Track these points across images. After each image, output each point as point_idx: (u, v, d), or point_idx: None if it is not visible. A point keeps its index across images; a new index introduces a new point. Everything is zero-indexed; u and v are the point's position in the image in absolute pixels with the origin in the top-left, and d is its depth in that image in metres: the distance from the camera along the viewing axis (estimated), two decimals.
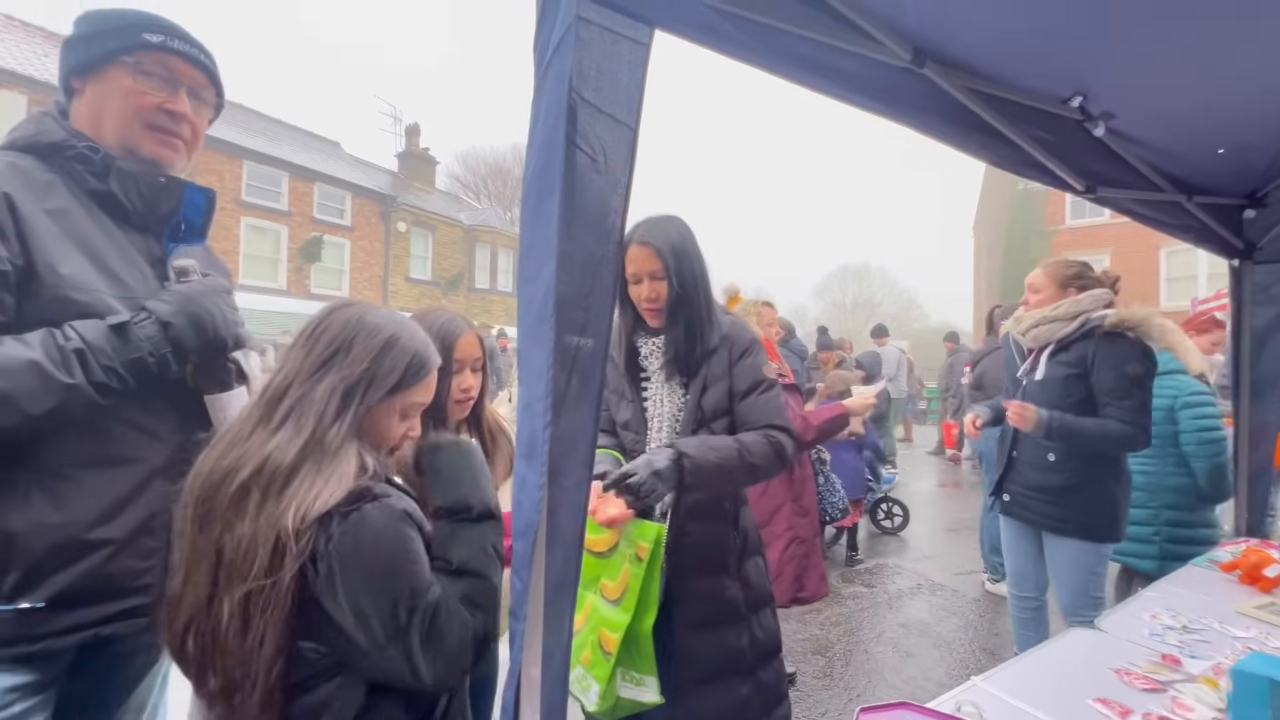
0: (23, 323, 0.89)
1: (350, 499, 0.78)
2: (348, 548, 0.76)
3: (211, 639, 0.77)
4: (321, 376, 0.84)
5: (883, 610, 3.64)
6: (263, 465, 0.79)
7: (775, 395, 1.49)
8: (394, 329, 0.90)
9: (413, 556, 0.80)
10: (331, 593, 0.75)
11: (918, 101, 1.34)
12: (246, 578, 0.74)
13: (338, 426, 0.82)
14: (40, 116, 1.03)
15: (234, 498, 0.78)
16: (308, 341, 0.87)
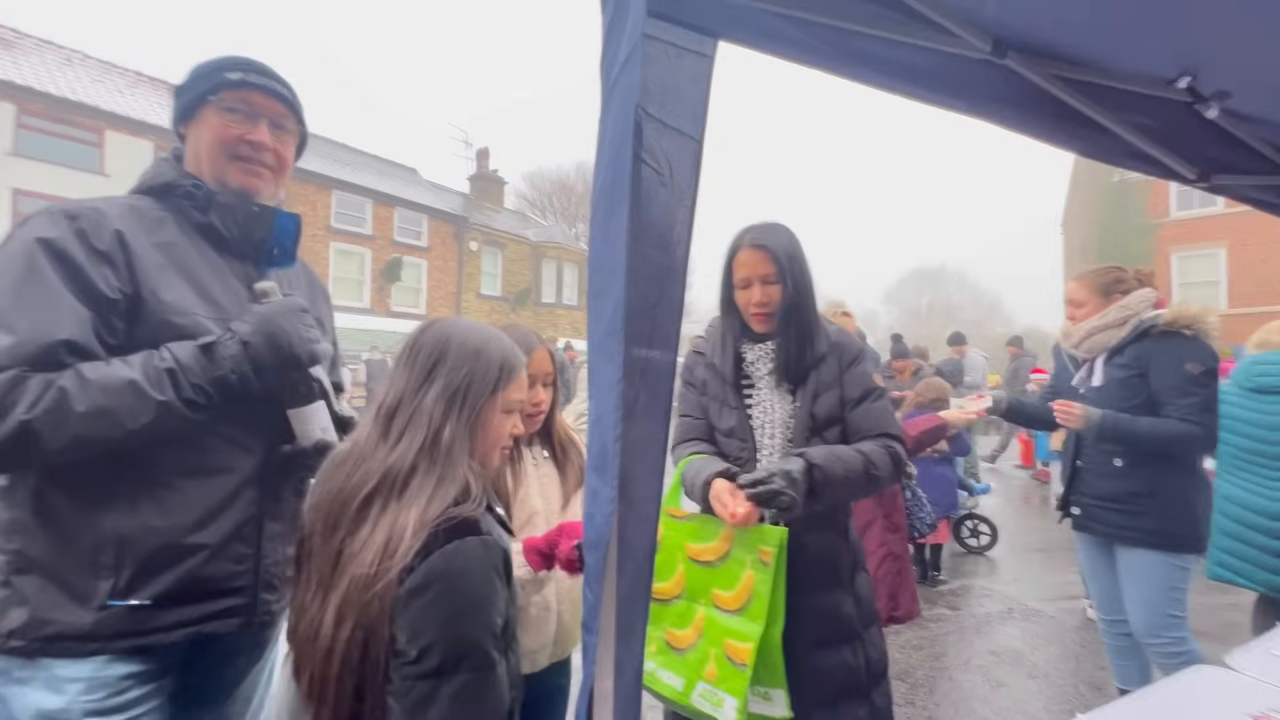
0: (132, 345, 0.99)
1: (458, 526, 0.81)
2: (437, 569, 0.78)
3: (314, 636, 0.82)
4: (427, 388, 0.89)
5: (970, 635, 3.40)
6: (386, 474, 0.84)
7: (887, 404, 1.48)
8: (482, 335, 0.96)
9: (489, 607, 0.81)
10: (405, 603, 0.78)
11: (999, 94, 1.26)
12: (354, 574, 0.79)
13: (449, 428, 0.88)
14: (159, 161, 1.15)
15: (360, 507, 0.83)
16: (408, 360, 0.93)
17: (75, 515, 0.95)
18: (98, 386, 0.91)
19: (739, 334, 1.50)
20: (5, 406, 0.87)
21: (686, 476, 1.44)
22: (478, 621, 0.80)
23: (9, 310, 0.91)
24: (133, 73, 15.77)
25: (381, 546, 0.79)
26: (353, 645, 0.78)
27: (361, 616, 0.78)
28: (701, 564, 1.38)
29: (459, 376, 0.90)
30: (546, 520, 1.37)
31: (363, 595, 0.78)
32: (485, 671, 0.79)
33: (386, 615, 0.77)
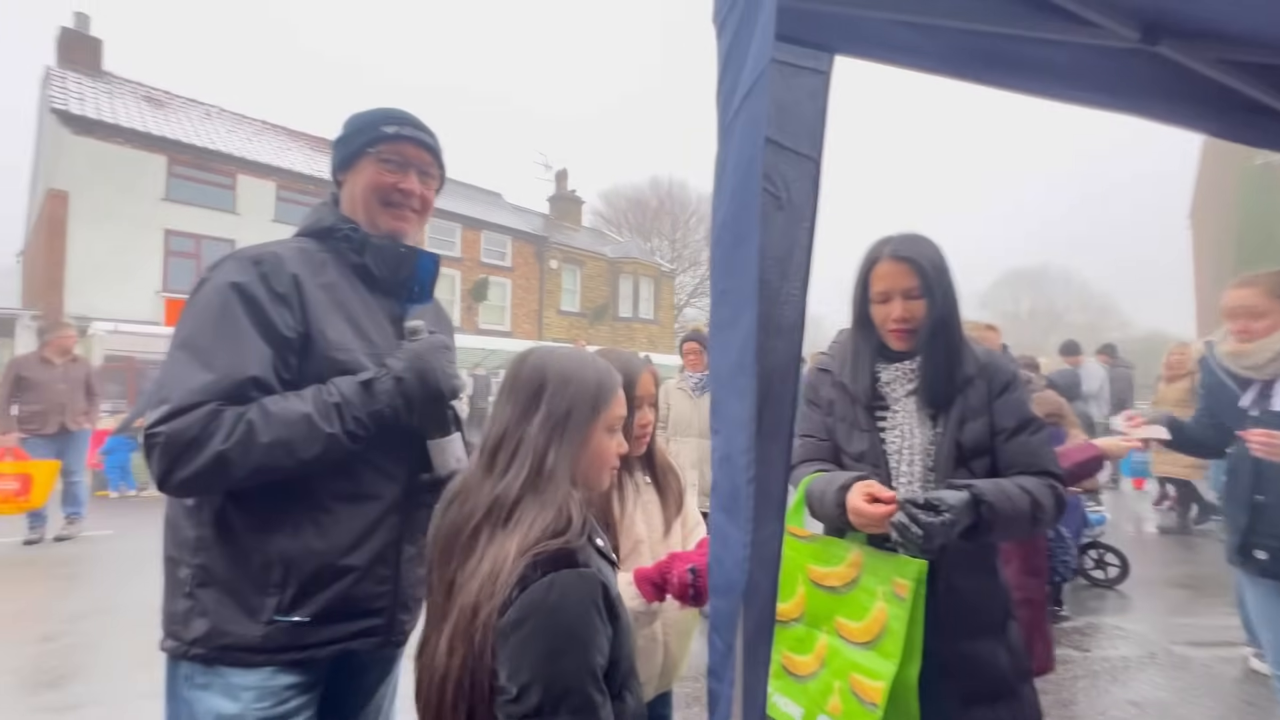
0: (302, 379, 1.08)
1: (554, 557, 0.81)
2: (533, 603, 0.78)
3: (430, 663, 0.84)
4: (529, 418, 0.91)
5: (1104, 682, 3.04)
6: (493, 505, 0.86)
7: (1046, 437, 1.35)
8: (577, 361, 0.97)
9: (588, 645, 0.80)
10: (503, 636, 0.78)
11: (1148, 86, 1.13)
12: (463, 603, 0.81)
13: (552, 453, 0.89)
14: (320, 207, 1.26)
15: (470, 536, 0.86)
16: (509, 394, 0.95)
17: (250, 536, 1.04)
18: (279, 420, 1.00)
19: (875, 352, 1.41)
20: (205, 437, 0.96)
21: (814, 490, 1.34)
22: (576, 660, 0.78)
23: (209, 350, 1.01)
24: (260, 121, 17.71)
25: (487, 576, 0.80)
26: (463, 675, 0.79)
27: (469, 647, 0.79)
28: (825, 589, 1.30)
29: (560, 405, 0.91)
30: (650, 548, 1.35)
31: (469, 626, 0.79)
32: (587, 715, 0.77)
33: (490, 647, 0.78)
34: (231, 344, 1.02)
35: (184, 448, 0.95)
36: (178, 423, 0.96)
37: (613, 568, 0.92)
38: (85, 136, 12.94)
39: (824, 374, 1.50)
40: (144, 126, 13.79)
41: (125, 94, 14.92)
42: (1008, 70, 1.06)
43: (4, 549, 5.21)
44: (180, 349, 1.03)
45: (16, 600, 4.11)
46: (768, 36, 0.62)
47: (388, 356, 1.15)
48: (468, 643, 0.79)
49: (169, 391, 0.98)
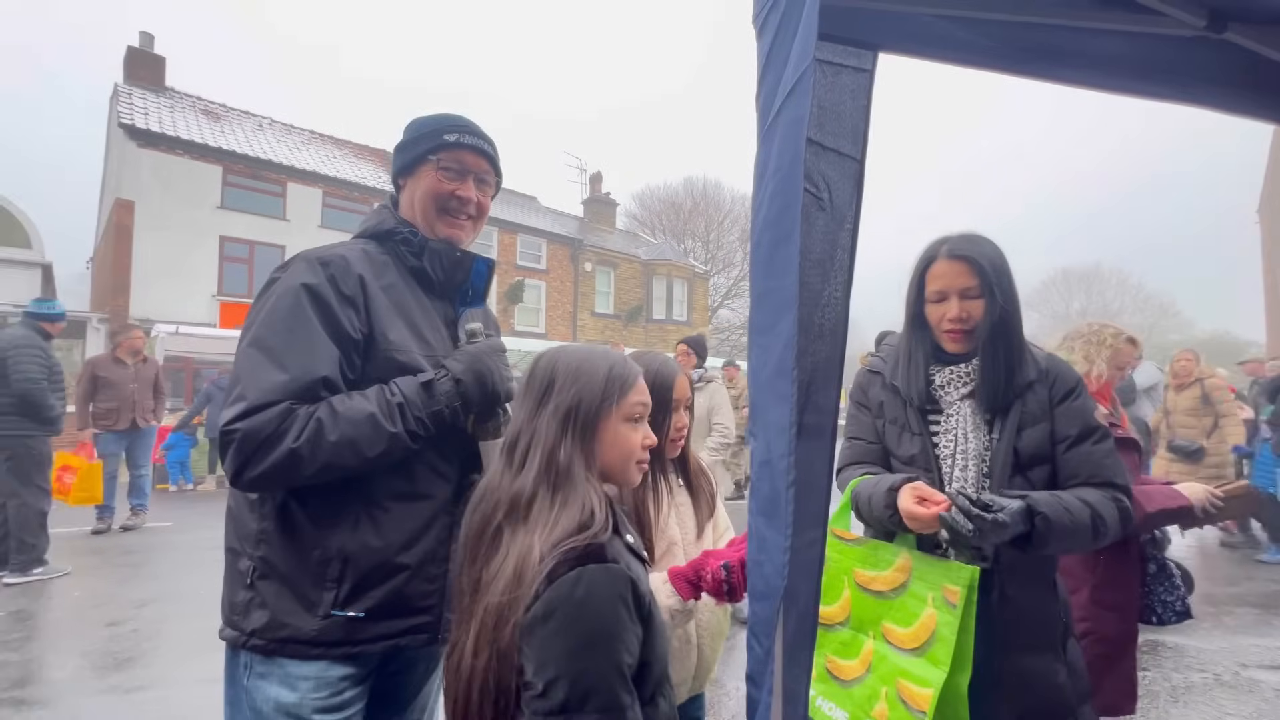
0: (364, 379, 1.11)
1: (581, 553, 0.80)
2: (559, 598, 0.77)
3: (458, 665, 0.84)
4: (540, 413, 0.92)
5: (1164, 703, 2.88)
6: (512, 502, 0.87)
7: (1111, 447, 1.29)
8: (585, 353, 0.98)
9: (615, 642, 0.78)
10: (530, 631, 0.77)
11: (1214, 75, 1.08)
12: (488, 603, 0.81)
13: (564, 449, 0.89)
14: (379, 210, 1.29)
15: (493, 536, 0.87)
16: (525, 392, 0.96)
17: (311, 531, 1.07)
18: (346, 419, 1.03)
19: (929, 353, 1.37)
20: (279, 435, 0.99)
21: (861, 492, 1.32)
22: (603, 657, 0.77)
23: (282, 350, 1.03)
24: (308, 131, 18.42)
25: (511, 574, 0.80)
26: (488, 677, 0.79)
27: (495, 646, 0.79)
28: (872, 593, 1.28)
29: (568, 396, 0.92)
30: (684, 550, 1.35)
31: (495, 626, 0.79)
32: (614, 715, 0.76)
33: (516, 645, 0.78)
34: (303, 344, 1.05)
35: (259, 445, 0.98)
36: (254, 420, 0.98)
37: (643, 565, 0.91)
38: (149, 149, 13.68)
39: (874, 375, 1.47)
40: (202, 138, 14.50)
41: (185, 108, 15.73)
42: (1063, 63, 1.02)
43: (74, 538, 5.55)
44: (253, 348, 1.04)
45: (85, 587, 4.36)
46: (810, 35, 0.62)
47: (444, 358, 1.18)
48: (494, 643, 0.80)
49: (245, 389, 1.01)
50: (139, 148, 13.59)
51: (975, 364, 1.32)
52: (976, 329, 1.29)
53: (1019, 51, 0.97)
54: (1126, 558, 1.93)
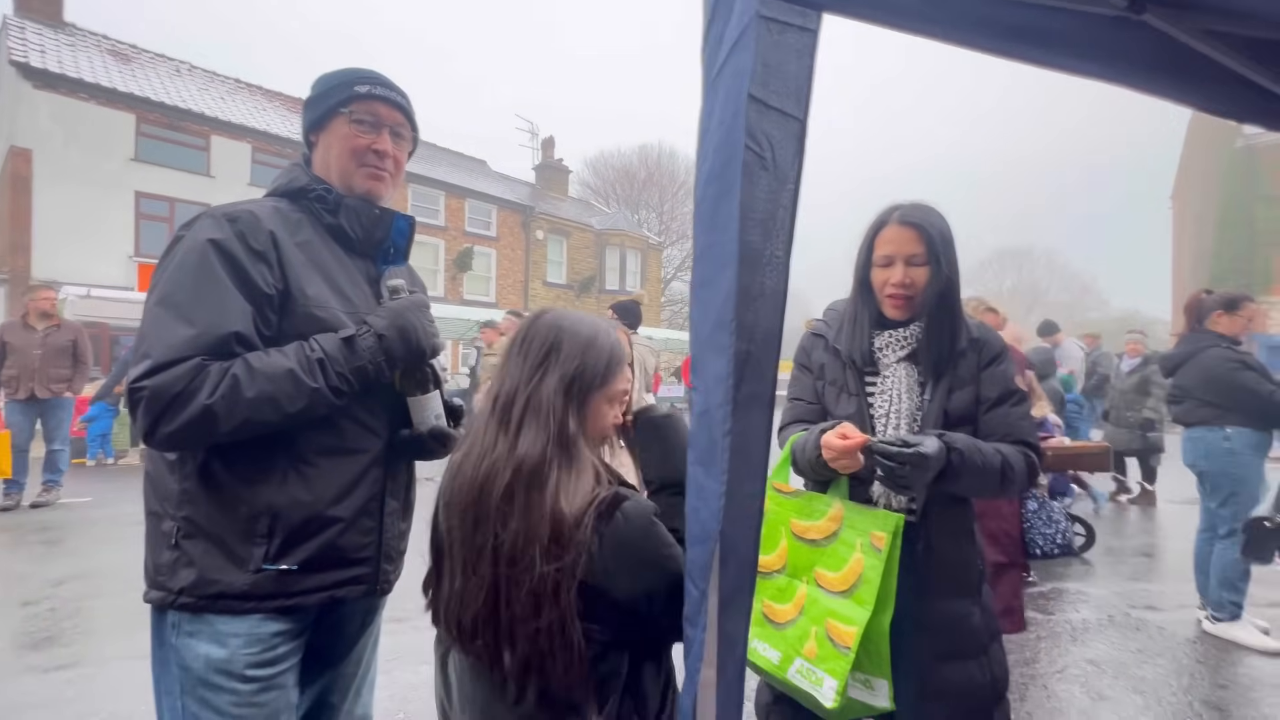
0: (282, 336, 1.09)
1: (609, 501, 0.86)
2: (621, 543, 0.84)
3: (508, 625, 0.85)
4: (542, 377, 0.92)
5: (1065, 642, 3.18)
6: (519, 466, 0.87)
7: (1025, 410, 1.39)
8: (592, 326, 0.98)
9: (669, 542, 0.88)
10: (614, 581, 0.84)
11: (1136, 56, 1.13)
12: (530, 567, 0.83)
13: (572, 420, 0.91)
14: (292, 167, 1.25)
15: (501, 499, 0.87)
16: (521, 350, 0.96)
17: (235, 488, 1.06)
18: (263, 374, 1.01)
19: (873, 317, 1.42)
20: (191, 392, 0.97)
21: (797, 444, 1.39)
22: (673, 558, 0.86)
23: (189, 305, 1.01)
24: (233, 80, 17.04)
25: (548, 542, 0.83)
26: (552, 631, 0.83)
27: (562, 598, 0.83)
28: (806, 541, 1.35)
29: (573, 367, 0.92)
30: None
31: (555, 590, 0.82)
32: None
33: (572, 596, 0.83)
34: (212, 300, 1.02)
35: (169, 402, 0.96)
36: (162, 377, 0.96)
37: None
38: (47, 91, 12.37)
39: (818, 339, 1.53)
40: (110, 82, 13.19)
41: (89, 47, 14.23)
42: (1002, 36, 1.05)
43: None
44: (159, 306, 1.03)
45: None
46: None
47: (367, 315, 1.17)
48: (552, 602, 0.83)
49: (150, 346, 0.99)
50: (35, 89, 12.27)
51: (914, 328, 1.38)
52: (918, 296, 1.35)
53: (963, 21, 1.00)
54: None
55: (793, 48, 0.83)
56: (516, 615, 0.84)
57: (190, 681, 1.04)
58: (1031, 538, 2.53)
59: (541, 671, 0.83)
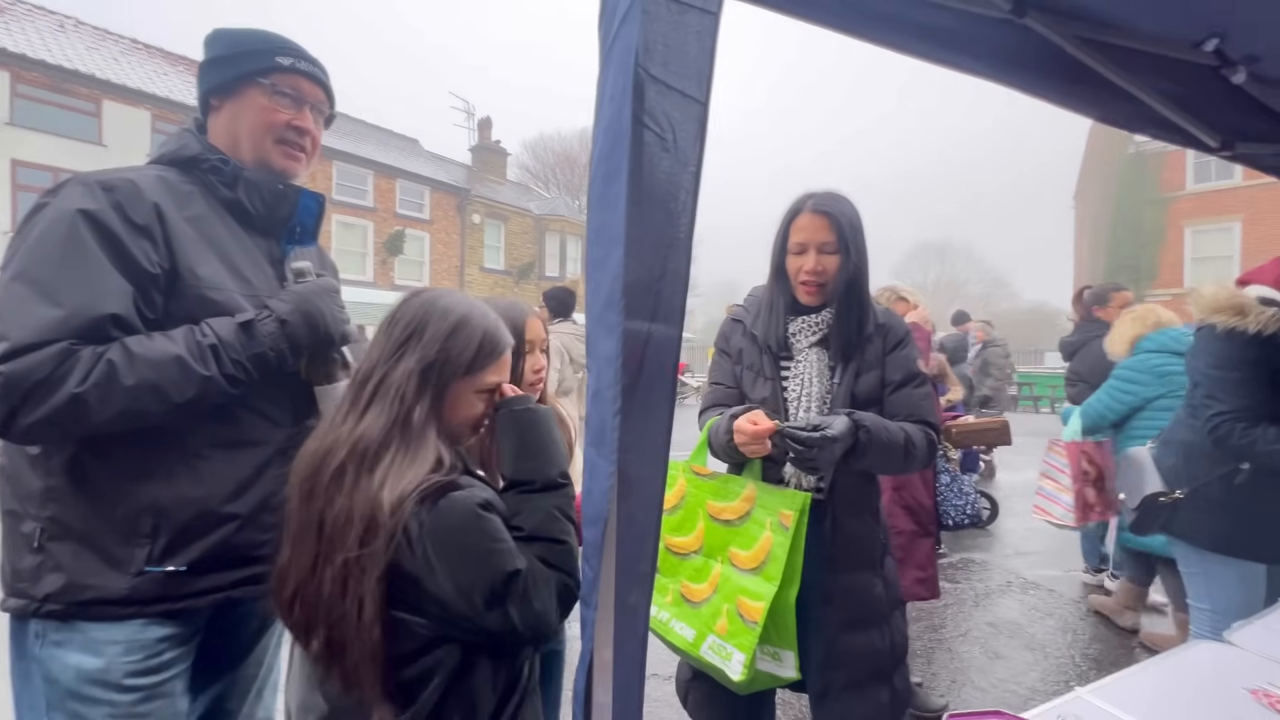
0: (169, 319, 1.00)
1: (435, 488, 0.83)
2: (440, 532, 0.81)
3: (315, 602, 0.84)
4: (400, 359, 0.88)
5: (969, 608, 3.44)
6: (355, 444, 0.85)
7: (928, 391, 1.46)
8: (464, 310, 0.94)
9: (498, 536, 0.85)
10: (431, 572, 0.81)
11: (1018, 57, 1.21)
12: (344, 547, 0.81)
13: (420, 407, 0.87)
14: (182, 133, 1.14)
15: (333, 475, 0.84)
16: (387, 329, 0.92)
17: (113, 485, 0.97)
18: (145, 361, 0.92)
19: (788, 303, 1.46)
20: (57, 379, 0.87)
21: (712, 430, 1.43)
22: (496, 553, 0.83)
23: (55, 283, 0.91)
24: (127, 40, 15.46)
25: (360, 526, 0.81)
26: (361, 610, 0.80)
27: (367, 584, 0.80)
28: (721, 522, 1.39)
29: (433, 351, 0.89)
30: None
31: (361, 575, 0.80)
32: (524, 577, 0.84)
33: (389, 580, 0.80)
34: (83, 278, 0.92)
35: (30, 390, 0.87)
36: (21, 362, 0.87)
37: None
38: None
39: (736, 324, 1.57)
40: None
41: None
42: (896, 30, 1.10)
43: None
44: (18, 282, 0.91)
45: None
46: None
47: (269, 298, 1.09)
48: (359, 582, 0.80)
49: (7, 329, 0.88)
50: None
51: (826, 314, 1.43)
52: (829, 283, 1.40)
53: (859, 15, 1.03)
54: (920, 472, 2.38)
55: (693, 29, 0.83)
56: (324, 596, 0.82)
57: (57, 695, 0.96)
58: (945, 510, 2.72)
59: (341, 657, 0.82)
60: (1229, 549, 1.75)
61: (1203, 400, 1.72)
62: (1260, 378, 1.62)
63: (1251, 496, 1.70)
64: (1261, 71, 1.44)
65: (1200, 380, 1.74)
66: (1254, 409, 1.63)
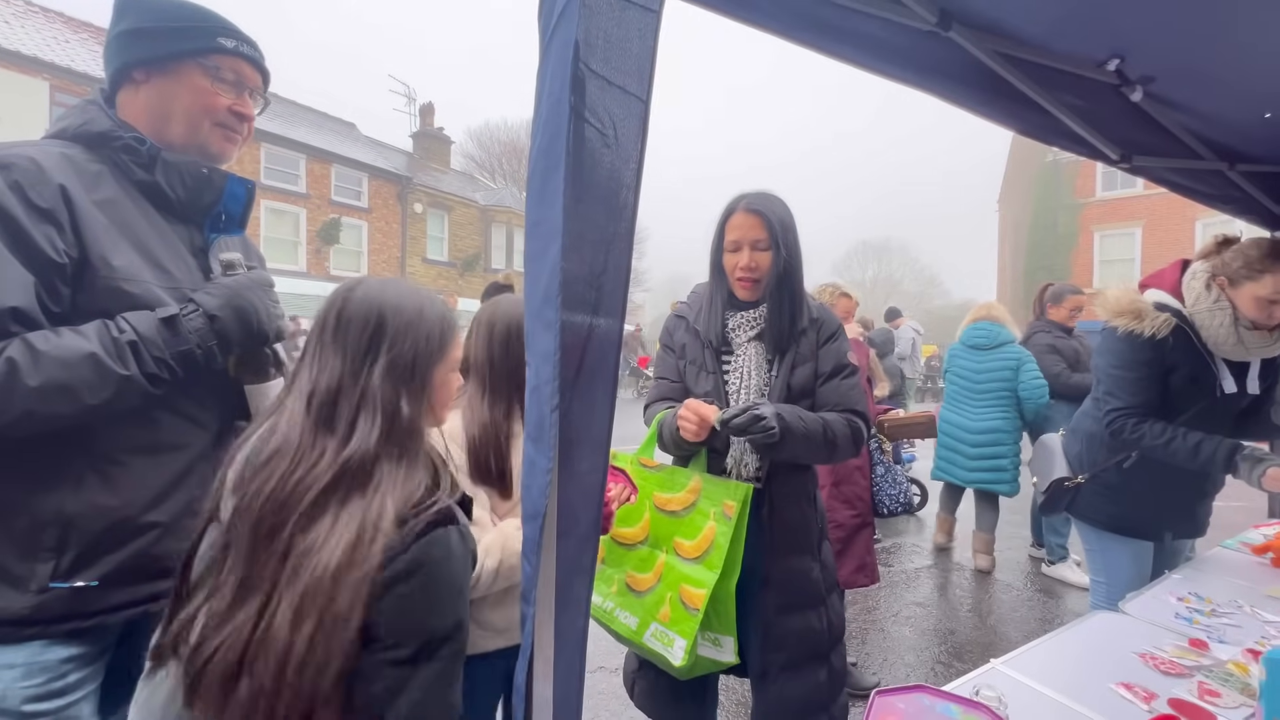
0: (77, 313, 0.91)
1: (437, 516, 0.78)
2: (420, 559, 0.75)
3: (244, 646, 0.71)
4: (370, 366, 0.82)
5: (900, 590, 3.63)
6: (344, 468, 0.76)
7: (856, 382, 1.51)
8: (415, 298, 0.89)
9: (466, 594, 0.81)
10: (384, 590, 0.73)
11: (943, 68, 1.28)
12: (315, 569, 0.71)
13: (406, 407, 0.82)
14: (87, 106, 1.04)
15: (311, 505, 0.75)
16: (336, 336, 0.83)
17: (10, 495, 0.89)
18: (52, 359, 0.85)
19: (727, 299, 1.51)
20: None
21: (662, 424, 1.46)
22: (454, 609, 0.78)
23: None
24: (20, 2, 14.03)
25: (354, 538, 0.73)
26: (316, 640, 0.70)
27: (326, 613, 0.70)
28: (667, 513, 1.42)
29: (405, 352, 0.84)
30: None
31: (331, 588, 0.71)
32: (458, 656, 0.78)
33: (360, 605, 0.71)
34: None
35: None
36: None
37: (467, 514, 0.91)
38: None
39: (680, 320, 1.61)
40: None
41: None
42: (830, 37, 1.14)
43: None
44: None
45: None
46: None
47: (193, 292, 1.02)
48: (325, 608, 0.70)
49: None
50: None
51: (763, 309, 1.48)
52: (763, 279, 1.45)
53: (795, 19, 1.06)
54: (857, 460, 2.53)
55: (635, 26, 0.83)
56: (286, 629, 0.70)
57: None
58: (880, 499, 2.90)
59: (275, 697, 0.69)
60: (1122, 529, 1.92)
61: (1104, 395, 1.88)
62: (1153, 377, 1.77)
63: (1139, 482, 1.87)
64: (1157, 91, 1.58)
65: (1101, 377, 1.90)
66: (1146, 406, 1.79)
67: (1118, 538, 1.94)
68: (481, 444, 1.26)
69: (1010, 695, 1.11)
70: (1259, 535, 2.00)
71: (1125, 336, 1.78)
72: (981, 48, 1.24)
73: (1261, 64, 1.48)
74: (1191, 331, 1.73)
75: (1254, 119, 1.77)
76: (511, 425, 1.30)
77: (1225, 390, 1.74)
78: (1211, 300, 1.69)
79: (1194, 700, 1.11)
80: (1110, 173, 16.60)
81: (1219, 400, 1.75)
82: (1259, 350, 1.70)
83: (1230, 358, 1.73)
